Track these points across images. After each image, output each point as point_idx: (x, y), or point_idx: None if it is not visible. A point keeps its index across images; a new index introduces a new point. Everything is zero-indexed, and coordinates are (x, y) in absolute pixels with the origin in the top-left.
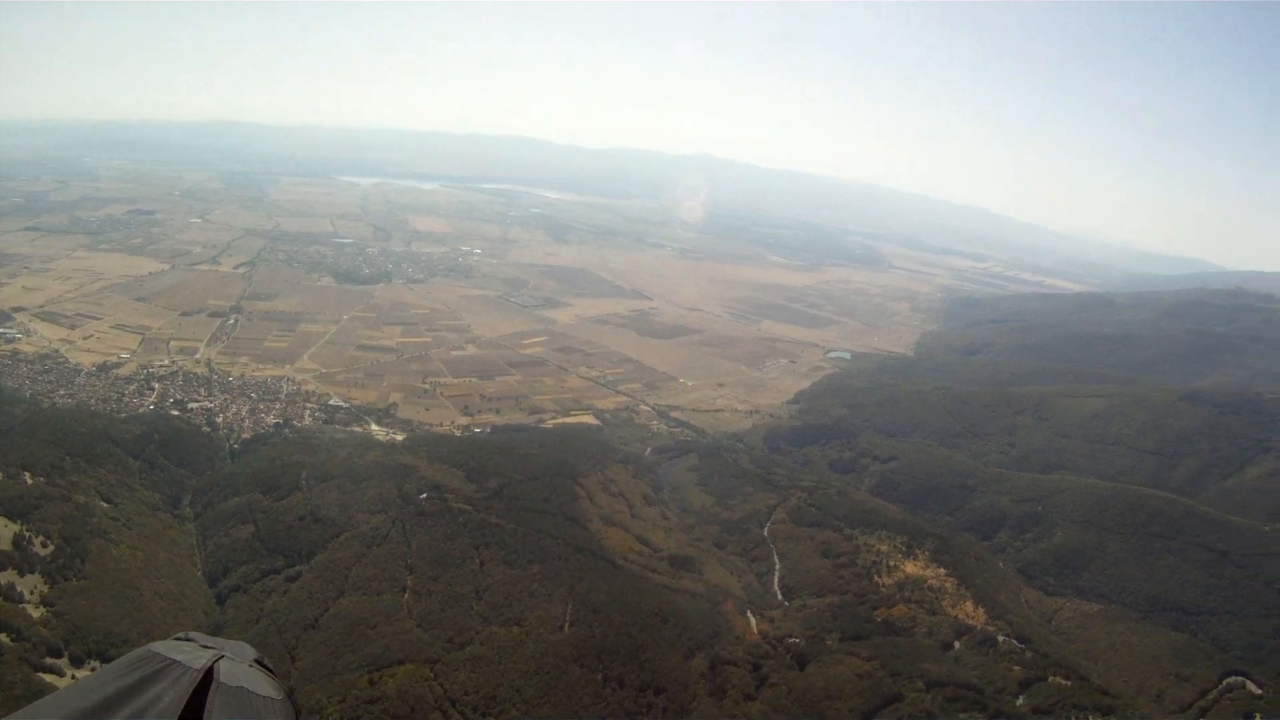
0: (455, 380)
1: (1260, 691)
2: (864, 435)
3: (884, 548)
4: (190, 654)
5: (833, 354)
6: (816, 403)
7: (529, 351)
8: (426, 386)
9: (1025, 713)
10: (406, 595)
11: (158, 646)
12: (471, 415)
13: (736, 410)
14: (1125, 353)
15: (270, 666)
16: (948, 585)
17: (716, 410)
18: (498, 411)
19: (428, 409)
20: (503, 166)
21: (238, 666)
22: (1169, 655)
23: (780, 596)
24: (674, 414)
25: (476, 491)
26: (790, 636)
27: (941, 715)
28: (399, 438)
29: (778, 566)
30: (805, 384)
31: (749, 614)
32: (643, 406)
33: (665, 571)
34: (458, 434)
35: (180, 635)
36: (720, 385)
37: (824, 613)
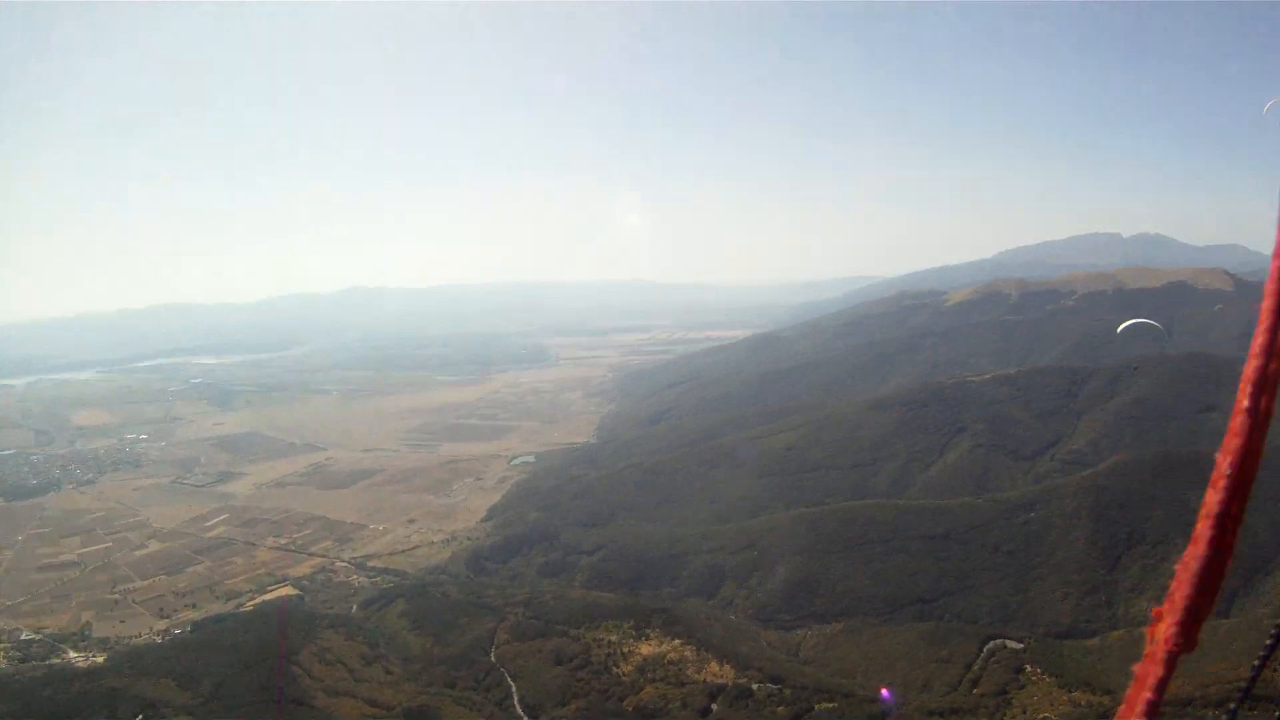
0: (144, 583)
1: (1021, 645)
2: (566, 533)
3: (614, 638)
4: None
5: (517, 460)
6: (511, 514)
7: (213, 534)
8: (117, 596)
9: None
10: None
11: None
12: (168, 616)
13: (433, 543)
14: (806, 382)
15: None
16: (687, 654)
17: (413, 548)
18: (195, 606)
19: (123, 620)
20: (156, 340)
21: None
22: (923, 645)
23: (525, 718)
24: (371, 563)
25: (191, 698)
26: None
27: None
28: (100, 660)
29: (514, 689)
30: (496, 497)
31: None
32: (339, 563)
33: None
34: (159, 640)
35: None
36: (411, 521)
37: None
